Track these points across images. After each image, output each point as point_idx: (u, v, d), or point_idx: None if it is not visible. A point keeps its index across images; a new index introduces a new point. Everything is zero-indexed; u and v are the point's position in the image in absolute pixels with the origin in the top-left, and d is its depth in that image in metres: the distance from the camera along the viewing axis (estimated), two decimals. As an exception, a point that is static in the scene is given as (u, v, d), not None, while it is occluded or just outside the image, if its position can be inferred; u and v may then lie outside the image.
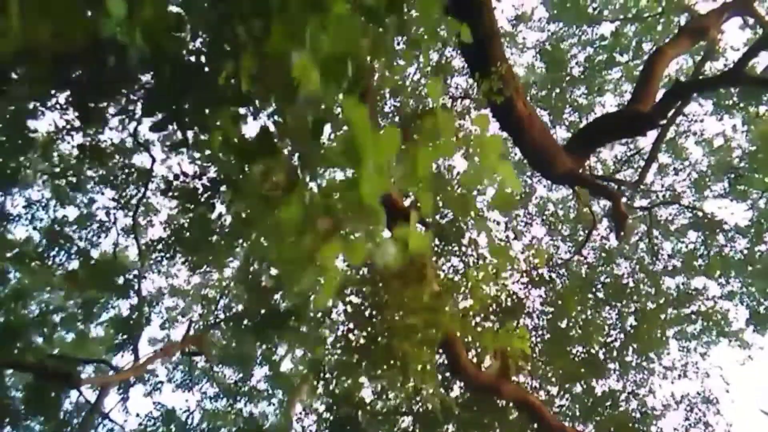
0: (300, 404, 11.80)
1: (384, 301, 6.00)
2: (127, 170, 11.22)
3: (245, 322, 10.72)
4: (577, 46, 16.12)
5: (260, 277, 11.13)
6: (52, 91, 10.29)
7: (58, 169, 11.26)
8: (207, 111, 3.26)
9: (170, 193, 8.64)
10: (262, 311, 10.75)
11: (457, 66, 12.80)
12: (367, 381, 10.78)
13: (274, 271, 11.43)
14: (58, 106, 10.32)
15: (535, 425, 9.37)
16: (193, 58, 3.26)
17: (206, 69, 3.22)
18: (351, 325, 6.47)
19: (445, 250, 7.66)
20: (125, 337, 11.58)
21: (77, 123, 10.60)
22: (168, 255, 10.88)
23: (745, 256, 14.60)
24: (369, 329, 5.91)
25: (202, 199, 5.98)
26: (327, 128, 3.00)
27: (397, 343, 5.34)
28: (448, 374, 11.03)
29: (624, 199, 11.93)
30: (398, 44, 7.40)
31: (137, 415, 12.16)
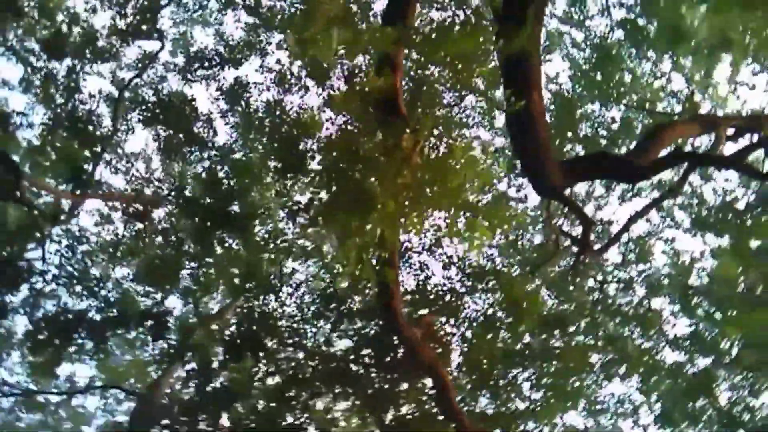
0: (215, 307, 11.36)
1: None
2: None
3: (194, 212, 10.37)
4: (587, 122, 16.62)
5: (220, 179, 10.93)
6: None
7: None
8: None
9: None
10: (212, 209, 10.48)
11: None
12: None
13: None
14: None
15: (438, 403, 9.13)
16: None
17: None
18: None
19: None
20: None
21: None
22: (146, 117, 10.62)
23: (673, 369, 14.72)
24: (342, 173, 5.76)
25: None
26: None
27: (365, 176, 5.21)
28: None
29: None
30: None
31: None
